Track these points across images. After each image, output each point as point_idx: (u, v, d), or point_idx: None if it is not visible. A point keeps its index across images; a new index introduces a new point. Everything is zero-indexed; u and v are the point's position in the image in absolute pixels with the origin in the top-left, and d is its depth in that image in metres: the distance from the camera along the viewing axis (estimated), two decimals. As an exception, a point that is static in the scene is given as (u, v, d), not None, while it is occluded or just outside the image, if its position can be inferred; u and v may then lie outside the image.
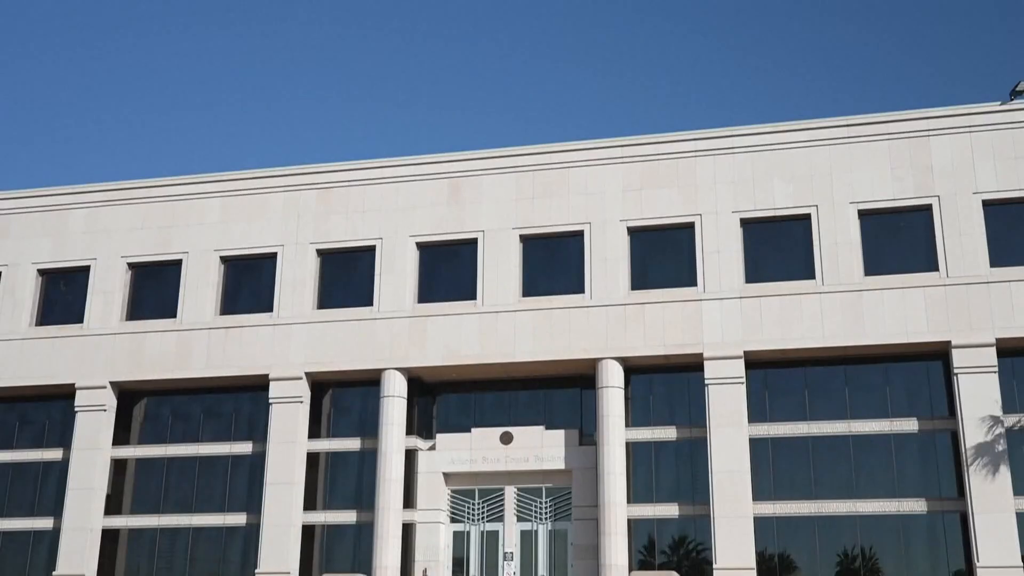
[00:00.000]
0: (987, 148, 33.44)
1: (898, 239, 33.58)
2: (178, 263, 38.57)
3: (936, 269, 32.82)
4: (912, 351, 32.75)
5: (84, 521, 36.32)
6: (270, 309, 37.28)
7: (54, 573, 36.04)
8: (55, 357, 38.15)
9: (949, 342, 31.93)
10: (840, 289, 33.13)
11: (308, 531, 35.54)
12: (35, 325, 39.25)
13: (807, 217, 34.27)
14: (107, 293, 38.69)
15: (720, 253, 34.32)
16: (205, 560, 36.15)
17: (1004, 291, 32.05)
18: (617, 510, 32.97)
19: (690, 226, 35.03)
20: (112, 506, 37.17)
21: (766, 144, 35.09)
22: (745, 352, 33.28)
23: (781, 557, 32.41)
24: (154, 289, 38.72)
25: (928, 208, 33.41)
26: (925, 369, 32.96)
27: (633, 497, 33.71)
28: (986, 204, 33.09)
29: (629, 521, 33.29)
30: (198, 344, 37.27)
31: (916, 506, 31.88)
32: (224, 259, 38.42)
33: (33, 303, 39.47)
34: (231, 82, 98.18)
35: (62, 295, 39.52)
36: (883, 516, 31.97)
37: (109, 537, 36.83)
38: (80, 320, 38.71)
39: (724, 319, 33.60)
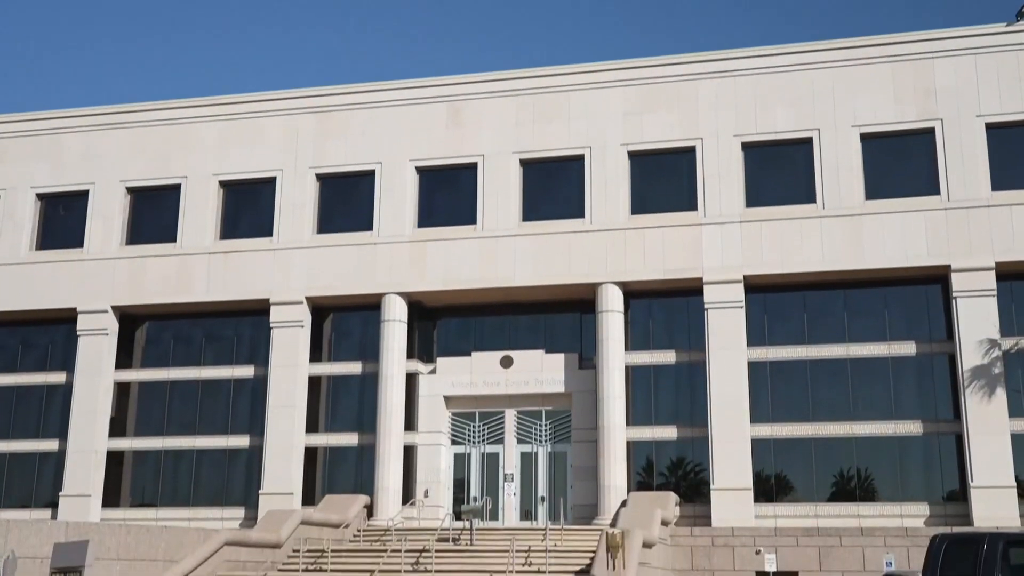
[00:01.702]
0: (991, 70, 33.17)
1: (900, 163, 33.48)
2: (177, 187, 38.49)
3: (937, 193, 32.76)
4: (912, 275, 32.85)
5: (89, 443, 36.72)
6: (270, 234, 37.29)
7: (60, 493, 36.54)
8: (56, 281, 38.25)
9: (949, 266, 32.01)
10: (841, 213, 33.10)
11: (311, 453, 35.96)
12: (35, 249, 39.30)
13: (808, 141, 34.12)
14: (106, 217, 38.67)
15: (721, 177, 34.22)
16: (209, 481, 36.65)
17: (1005, 215, 32.03)
18: (616, 432, 33.33)
19: (691, 150, 34.90)
20: (116, 428, 37.56)
21: (768, 67, 34.80)
22: (745, 276, 33.38)
23: (778, 478, 32.84)
24: (153, 213, 38.70)
25: (931, 131, 33.25)
26: (924, 293, 33.10)
27: (632, 420, 34.04)
28: (989, 127, 32.94)
29: (628, 443, 33.67)
30: (198, 269, 37.34)
31: (912, 428, 32.23)
32: (223, 184, 38.32)
33: (33, 227, 39.48)
34: (228, 5, 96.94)
35: (61, 219, 39.51)
36: (880, 438, 32.33)
37: (114, 459, 37.28)
38: (80, 244, 38.73)
39: (724, 243, 33.62)
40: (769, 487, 32.74)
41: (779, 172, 34.29)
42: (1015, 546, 14.46)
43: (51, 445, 37.87)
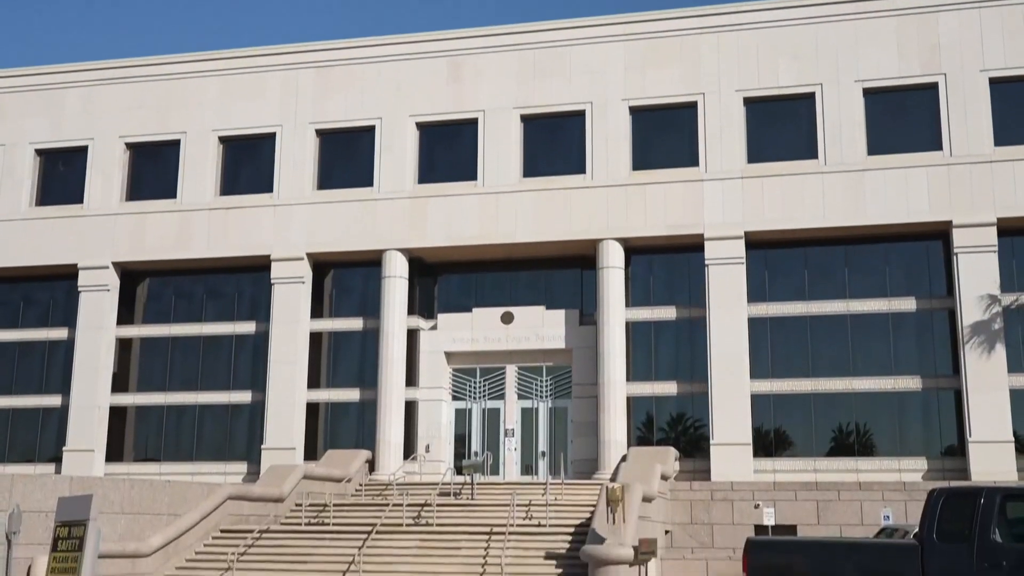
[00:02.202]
0: (996, 24, 32.91)
1: (902, 118, 33.33)
2: (176, 143, 38.37)
3: (940, 148, 32.63)
4: (913, 231, 32.82)
5: (91, 399, 36.92)
6: (270, 190, 37.22)
7: (64, 448, 36.79)
8: (57, 237, 38.26)
9: (950, 222, 31.96)
10: (843, 169, 33.02)
11: (312, 408, 36.15)
12: (35, 205, 39.28)
13: (811, 96, 33.94)
14: (106, 173, 38.60)
15: (722, 133, 34.08)
16: (212, 436, 36.89)
17: (1007, 170, 31.93)
18: (616, 388, 33.47)
19: (692, 105, 34.72)
20: (118, 384, 37.73)
21: (770, 21, 34.54)
22: (746, 232, 33.34)
23: (777, 432, 33.03)
24: (153, 169, 38.63)
25: (934, 86, 33.06)
26: (925, 249, 33.09)
27: (632, 375, 34.17)
28: (992, 82, 32.72)
29: (628, 399, 33.82)
30: (199, 225, 37.33)
31: (911, 383, 32.35)
32: (223, 139, 38.20)
33: (32, 183, 39.43)
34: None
35: (61, 175, 39.45)
36: (879, 393, 32.47)
37: (117, 414, 37.48)
38: (80, 200, 38.69)
39: (725, 199, 33.56)
40: (768, 442, 32.94)
41: (781, 127, 34.15)
42: (1012, 500, 14.55)
43: (54, 400, 38.08)
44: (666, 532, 29.88)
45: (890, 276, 33.20)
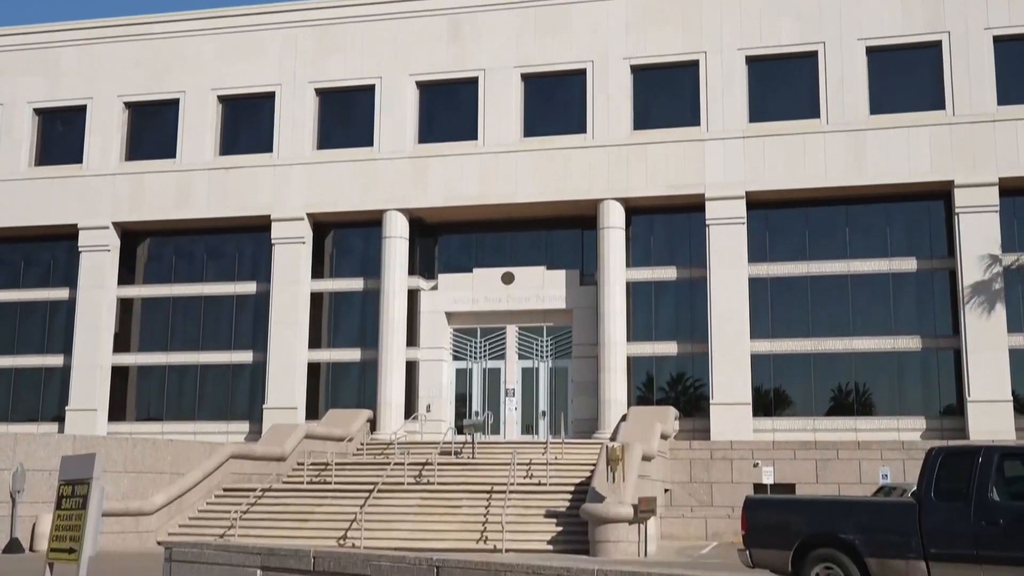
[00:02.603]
0: (1001, -19, 32.64)
1: (905, 77, 33.12)
2: (175, 102, 38.18)
3: (943, 107, 32.46)
4: (914, 191, 32.74)
5: (93, 358, 37.02)
6: (270, 150, 37.10)
7: (67, 408, 36.95)
8: (56, 197, 38.18)
9: (952, 181, 31.87)
10: (844, 128, 32.87)
11: (313, 368, 36.26)
12: (34, 165, 39.17)
13: (813, 55, 33.70)
14: (105, 133, 38.44)
15: (724, 92, 33.89)
16: (214, 396, 37.03)
17: (1009, 130, 31.79)
18: (617, 348, 33.55)
19: (694, 64, 34.50)
20: (120, 344, 37.82)
21: (774, -22, 34.23)
22: (747, 192, 33.26)
23: (776, 392, 33.15)
24: (152, 129, 38.47)
25: (937, 44, 32.82)
26: (926, 209, 33.03)
27: (632, 335, 34.24)
28: (997, 40, 32.48)
29: (628, 359, 33.91)
30: (198, 184, 37.24)
31: (911, 343, 32.42)
32: (222, 99, 38.02)
33: (31, 143, 39.29)
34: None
35: (60, 135, 39.30)
36: (878, 353, 32.55)
37: (119, 374, 37.60)
38: (79, 160, 38.57)
39: (727, 159, 33.45)
40: (768, 402, 33.07)
41: (783, 86, 33.95)
42: (1010, 458, 14.58)
43: (56, 360, 38.19)
44: (666, 491, 30.08)
45: (891, 236, 33.17)
